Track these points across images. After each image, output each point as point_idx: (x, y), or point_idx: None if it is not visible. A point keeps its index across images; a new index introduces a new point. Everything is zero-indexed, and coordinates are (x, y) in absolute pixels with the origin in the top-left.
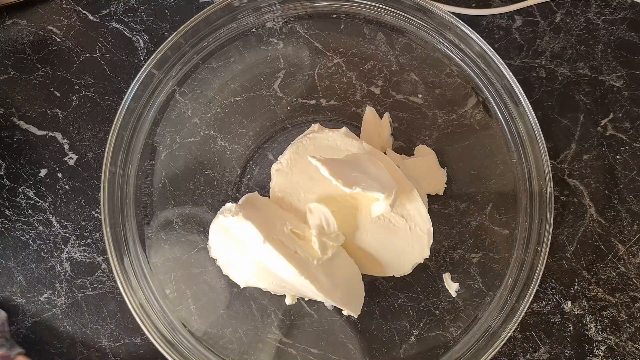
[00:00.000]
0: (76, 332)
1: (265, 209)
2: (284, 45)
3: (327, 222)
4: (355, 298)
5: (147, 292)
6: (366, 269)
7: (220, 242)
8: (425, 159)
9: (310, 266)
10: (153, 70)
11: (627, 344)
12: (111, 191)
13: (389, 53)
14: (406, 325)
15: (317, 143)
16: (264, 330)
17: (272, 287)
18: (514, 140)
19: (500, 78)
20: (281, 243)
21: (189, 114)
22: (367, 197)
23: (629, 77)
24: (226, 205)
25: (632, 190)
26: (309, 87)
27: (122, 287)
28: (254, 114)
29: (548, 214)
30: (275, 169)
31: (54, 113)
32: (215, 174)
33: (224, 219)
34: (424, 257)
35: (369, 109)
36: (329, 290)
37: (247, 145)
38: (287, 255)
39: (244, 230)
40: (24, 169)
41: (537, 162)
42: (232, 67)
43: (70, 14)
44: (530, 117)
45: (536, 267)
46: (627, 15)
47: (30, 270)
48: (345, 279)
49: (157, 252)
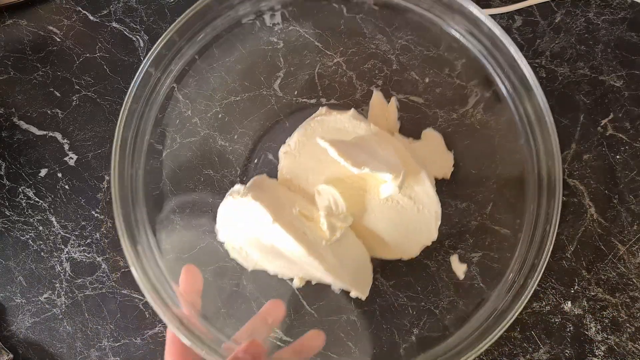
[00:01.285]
0: (76, 332)
1: (274, 191)
2: (284, 45)
3: (336, 203)
4: (363, 279)
5: (159, 277)
6: (374, 251)
7: (228, 224)
8: (432, 142)
9: (319, 247)
10: (150, 69)
11: (627, 344)
12: (122, 186)
13: (389, 52)
14: (406, 324)
15: (325, 125)
16: None
17: (280, 270)
18: (522, 122)
19: (511, 62)
20: (290, 224)
21: (189, 113)
22: (376, 179)
23: (629, 77)
24: (235, 187)
25: (632, 190)
26: (309, 86)
27: (136, 271)
28: (254, 114)
29: (557, 195)
30: (283, 152)
31: (54, 113)
32: (215, 174)
33: (232, 201)
34: (431, 239)
35: (376, 93)
36: (337, 271)
37: (247, 145)
38: (296, 235)
39: (252, 212)
40: (24, 169)
41: (546, 143)
42: (232, 66)
43: (70, 14)
44: (540, 98)
45: (544, 248)
46: (627, 15)
47: (30, 270)
48: (353, 260)
49: (167, 237)
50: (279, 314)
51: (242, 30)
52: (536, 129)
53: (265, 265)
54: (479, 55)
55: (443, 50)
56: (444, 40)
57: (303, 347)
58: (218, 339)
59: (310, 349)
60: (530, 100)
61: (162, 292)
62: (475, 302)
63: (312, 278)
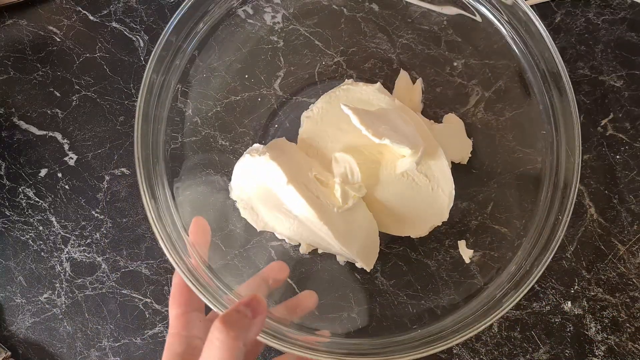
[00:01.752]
0: (76, 332)
1: (292, 153)
2: (284, 44)
3: (352, 171)
4: (370, 252)
5: (173, 227)
6: (384, 226)
7: (243, 182)
8: (453, 127)
9: (330, 213)
10: (154, 75)
11: (627, 344)
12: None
13: (389, 51)
14: (406, 322)
15: (350, 95)
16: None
17: (289, 233)
18: (547, 113)
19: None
20: (304, 186)
21: (189, 112)
22: (393, 153)
23: (629, 77)
24: (254, 146)
25: (632, 190)
26: (310, 85)
27: (153, 220)
28: (254, 113)
29: (573, 184)
30: (306, 116)
31: (54, 113)
32: (216, 174)
33: (250, 158)
34: (442, 219)
35: (403, 73)
36: (345, 239)
37: (248, 145)
38: (308, 198)
39: (268, 171)
40: (24, 169)
41: (568, 132)
42: (232, 65)
43: (70, 14)
44: (567, 85)
45: (555, 234)
46: (627, 15)
47: (30, 270)
48: (362, 231)
49: (183, 191)
50: (281, 277)
51: (243, 30)
52: (561, 125)
53: (275, 226)
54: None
55: (444, 49)
56: (445, 39)
57: (297, 305)
58: (221, 291)
59: (304, 308)
60: (559, 96)
61: (176, 242)
62: (475, 302)
63: (319, 246)
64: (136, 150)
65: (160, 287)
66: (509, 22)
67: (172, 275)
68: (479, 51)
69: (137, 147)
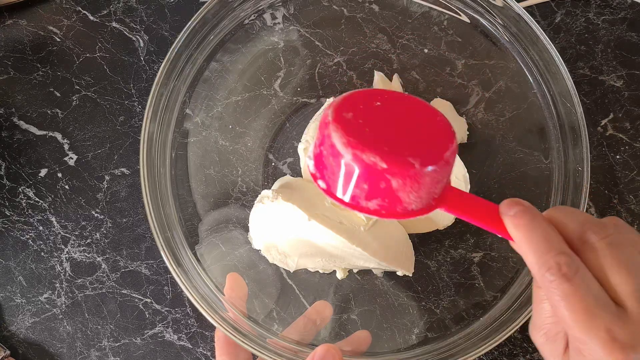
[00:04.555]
0: (76, 332)
1: (301, 188)
2: (284, 44)
3: None
4: (407, 257)
5: (205, 289)
6: (410, 227)
7: (262, 230)
8: (443, 109)
9: (359, 233)
10: (161, 89)
11: None
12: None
13: (390, 52)
14: (407, 323)
15: None
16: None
17: (322, 265)
18: (530, 72)
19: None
20: (325, 217)
21: (189, 112)
22: None
23: (629, 77)
24: (263, 193)
25: (632, 190)
26: (310, 86)
27: (185, 288)
28: (254, 114)
29: (583, 136)
30: (302, 148)
31: (54, 113)
32: (216, 174)
33: (263, 206)
34: None
35: (378, 74)
36: (380, 253)
37: (247, 145)
38: (334, 227)
39: (286, 213)
40: (24, 169)
41: (560, 85)
42: (232, 66)
43: (70, 14)
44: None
45: (581, 187)
46: (627, 15)
47: (30, 270)
48: (393, 240)
49: (207, 254)
50: (327, 315)
51: (243, 31)
52: (567, 130)
53: (307, 264)
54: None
55: (444, 49)
56: (445, 40)
57: (313, 315)
58: (265, 337)
59: (322, 320)
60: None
61: (211, 301)
62: (475, 303)
63: (355, 266)
64: (153, 226)
65: (160, 287)
66: (506, 23)
67: (171, 276)
68: (479, 51)
69: (154, 225)
